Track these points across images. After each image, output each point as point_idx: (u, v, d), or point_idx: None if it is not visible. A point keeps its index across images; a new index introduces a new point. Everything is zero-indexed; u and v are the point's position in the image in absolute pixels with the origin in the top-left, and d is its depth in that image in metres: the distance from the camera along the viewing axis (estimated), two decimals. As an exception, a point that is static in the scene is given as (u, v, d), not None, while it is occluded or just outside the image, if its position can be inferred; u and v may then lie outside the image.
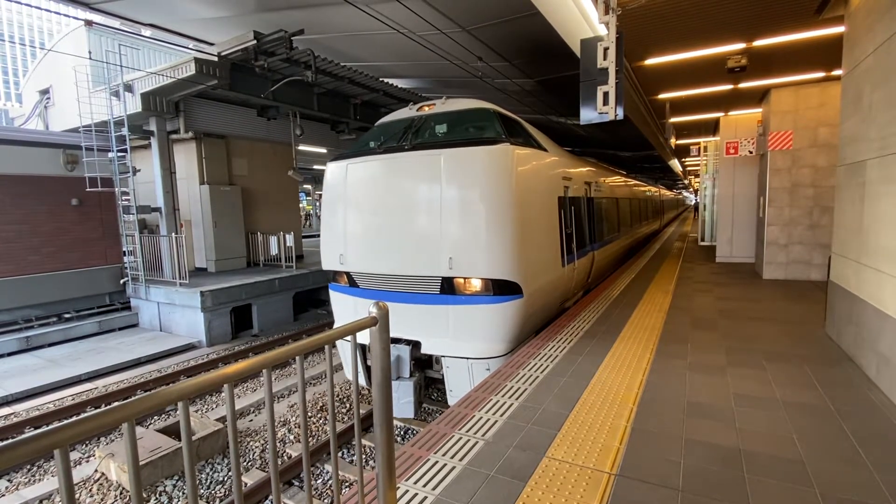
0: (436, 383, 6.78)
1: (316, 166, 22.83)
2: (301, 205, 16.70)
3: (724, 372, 4.43)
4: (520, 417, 3.58)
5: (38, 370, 8.56)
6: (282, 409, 7.02)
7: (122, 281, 12.18)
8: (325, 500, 4.91)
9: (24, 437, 1.00)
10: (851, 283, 4.80)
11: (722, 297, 7.67)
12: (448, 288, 5.47)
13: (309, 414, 6.83)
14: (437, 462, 2.99)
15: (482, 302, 5.38)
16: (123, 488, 5.16)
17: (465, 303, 5.45)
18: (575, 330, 5.92)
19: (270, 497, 4.95)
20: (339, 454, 5.73)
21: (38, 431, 1.02)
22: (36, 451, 1.01)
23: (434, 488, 2.72)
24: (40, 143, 11.12)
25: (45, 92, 14.38)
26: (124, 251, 12.45)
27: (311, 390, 7.76)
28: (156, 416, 6.99)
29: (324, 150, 16.98)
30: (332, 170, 6.29)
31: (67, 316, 11.29)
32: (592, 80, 4.96)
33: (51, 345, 10.20)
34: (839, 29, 5.67)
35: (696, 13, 5.57)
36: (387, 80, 11.56)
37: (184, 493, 5.09)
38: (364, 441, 5.83)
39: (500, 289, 5.32)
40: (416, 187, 5.57)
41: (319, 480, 5.27)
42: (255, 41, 8.55)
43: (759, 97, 9.88)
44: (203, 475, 5.42)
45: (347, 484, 5.19)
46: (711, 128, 13.99)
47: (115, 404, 1.18)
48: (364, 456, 5.60)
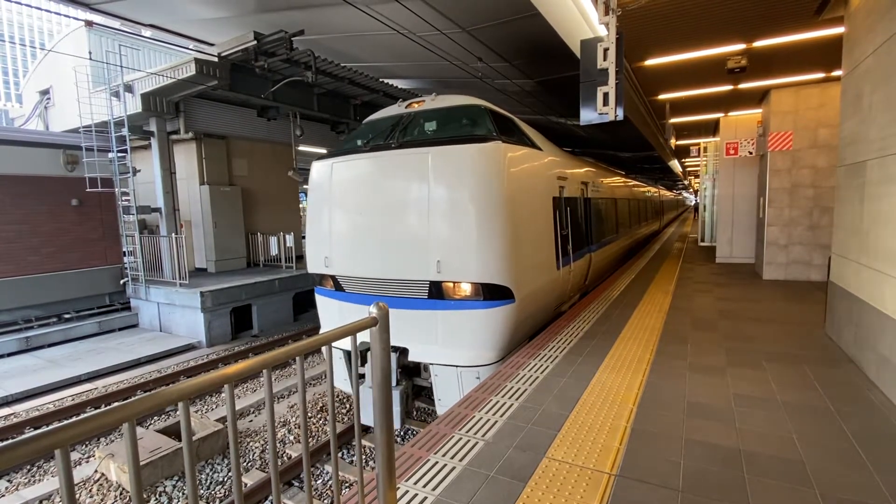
0: (424, 392, 6.54)
1: (316, 167, 22.79)
2: (301, 205, 16.69)
3: (724, 372, 4.43)
4: (520, 418, 3.58)
5: (38, 370, 8.55)
6: (282, 410, 7.01)
7: (122, 281, 12.18)
8: (325, 501, 4.91)
9: (24, 437, 1.00)
10: (851, 283, 4.80)
11: (722, 298, 7.67)
12: (436, 292, 5.26)
13: (309, 414, 6.83)
14: (437, 462, 2.99)
15: (472, 307, 5.18)
16: (123, 489, 5.16)
17: (453, 308, 5.24)
18: (575, 330, 5.92)
19: (270, 497, 4.95)
20: (339, 455, 5.73)
21: (39, 431, 1.03)
22: (37, 450, 1.01)
23: (434, 489, 2.72)
24: (40, 144, 11.12)
25: (45, 92, 14.39)
26: (124, 251, 12.45)
27: (311, 391, 7.76)
28: (155, 417, 6.99)
29: (324, 151, 16.88)
30: (317, 169, 6.11)
31: (67, 316, 11.28)
32: (592, 80, 4.97)
33: (51, 345, 10.19)
34: (839, 30, 5.68)
35: (696, 14, 5.58)
36: (387, 81, 11.57)
37: (184, 494, 5.09)
38: (364, 441, 5.83)
39: (491, 293, 5.11)
40: (402, 187, 5.35)
41: (319, 481, 5.27)
42: (256, 42, 8.56)
43: (759, 98, 9.89)
44: (203, 475, 5.42)
45: (347, 484, 5.19)
46: (711, 128, 14.00)
47: (116, 404, 1.18)
48: (364, 456, 5.60)
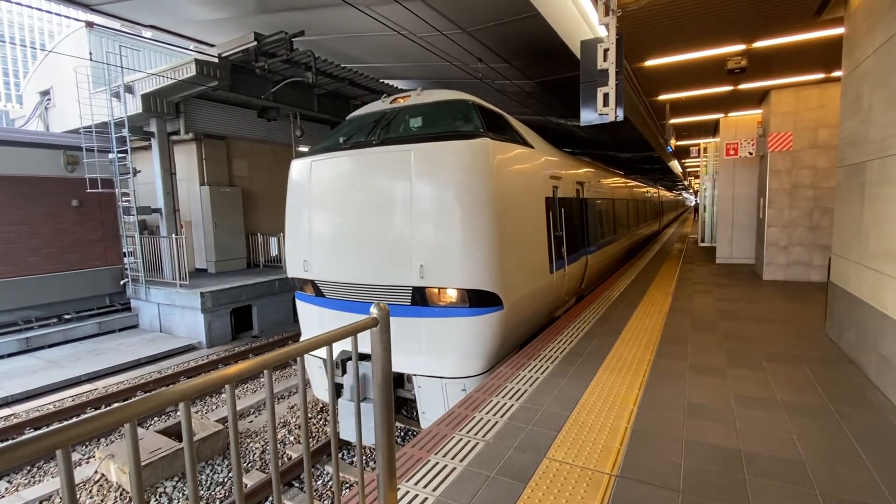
0: (407, 405, 6.24)
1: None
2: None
3: (724, 373, 4.43)
4: (520, 418, 3.58)
5: (39, 371, 8.55)
6: (282, 411, 7.01)
7: (122, 282, 12.19)
8: (326, 502, 4.91)
9: (26, 437, 1.00)
10: (851, 284, 4.80)
11: (722, 299, 7.67)
12: (420, 299, 4.99)
13: (309, 415, 6.83)
14: (437, 463, 2.99)
15: (457, 315, 4.91)
16: (123, 489, 5.16)
17: (438, 315, 4.97)
18: (575, 331, 5.91)
19: (271, 498, 4.95)
20: (340, 455, 5.73)
21: (41, 432, 1.03)
22: (38, 451, 1.01)
23: (435, 489, 2.72)
24: (41, 145, 11.13)
25: (45, 93, 14.40)
26: (124, 252, 12.45)
27: (311, 392, 7.75)
28: (155, 418, 6.99)
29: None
30: (296, 168, 5.83)
31: (67, 317, 11.28)
32: (592, 81, 4.97)
33: (51, 346, 10.19)
34: (839, 30, 5.68)
35: (696, 14, 5.58)
36: (387, 82, 11.58)
37: (184, 495, 5.09)
38: (364, 442, 5.82)
39: (478, 300, 4.85)
40: (383, 187, 5.08)
41: (320, 482, 5.26)
42: (256, 43, 8.57)
43: (758, 98, 9.90)
44: (203, 476, 5.41)
45: (348, 485, 5.19)
46: (711, 129, 14.01)
47: (117, 405, 1.18)
48: (364, 457, 5.60)
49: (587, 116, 5.07)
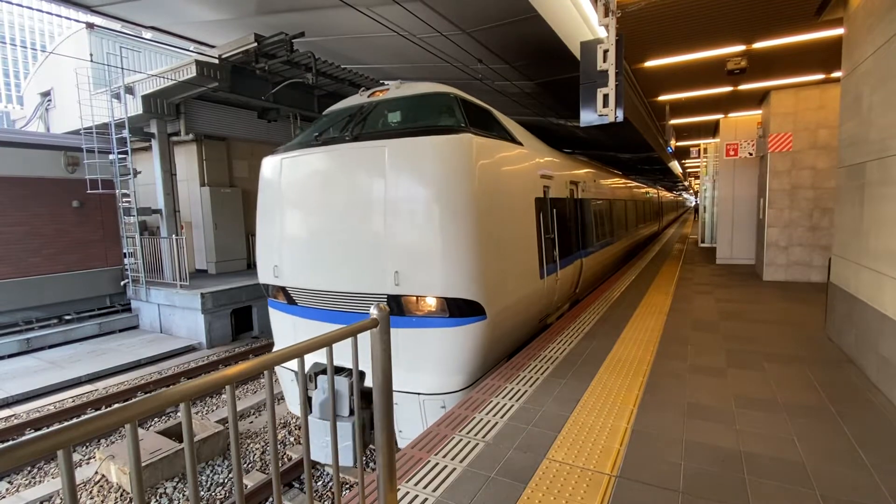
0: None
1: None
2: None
3: (724, 373, 4.43)
4: (520, 419, 3.58)
5: (39, 372, 8.56)
6: (282, 411, 7.01)
7: (122, 283, 12.19)
8: (326, 502, 4.91)
9: (28, 437, 1.00)
10: (851, 284, 4.80)
11: (722, 299, 7.67)
12: (395, 308, 4.61)
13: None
14: (437, 464, 2.99)
15: (435, 325, 4.56)
16: (124, 490, 5.16)
17: (414, 326, 4.61)
18: (575, 332, 5.92)
19: (271, 499, 4.95)
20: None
21: (42, 432, 1.03)
22: (40, 451, 1.02)
23: (434, 490, 2.72)
24: (41, 146, 11.14)
25: (46, 94, 14.43)
26: (125, 253, 12.46)
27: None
28: (155, 419, 6.99)
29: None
30: (266, 166, 5.48)
31: (68, 318, 11.29)
32: (592, 82, 4.97)
33: (51, 346, 10.20)
34: (838, 31, 5.69)
35: (695, 15, 5.59)
36: (387, 83, 11.57)
37: (184, 495, 5.09)
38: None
39: (458, 309, 4.49)
40: (356, 186, 4.73)
41: (320, 482, 5.27)
42: (256, 44, 8.58)
43: (758, 99, 9.90)
44: (203, 477, 5.42)
45: (348, 486, 5.19)
46: (711, 130, 14.02)
47: (118, 405, 1.19)
48: (364, 458, 5.60)
49: (587, 117, 5.07)
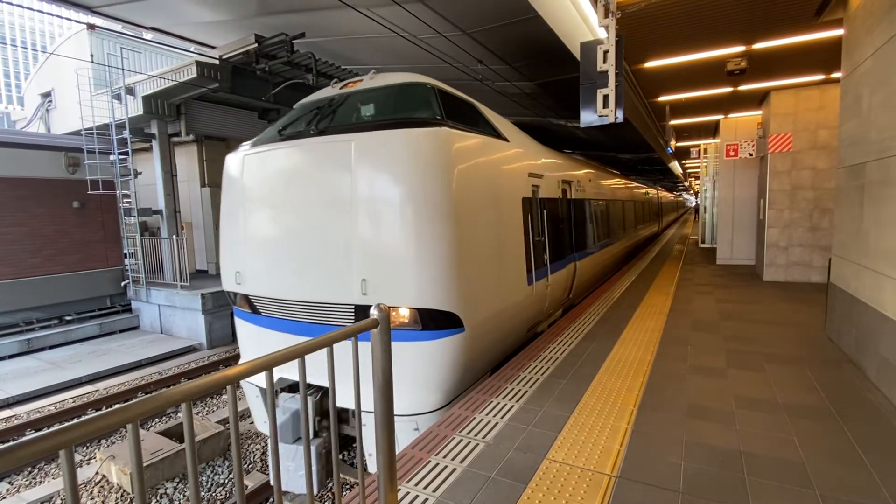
0: (353, 443, 5.47)
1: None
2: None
3: (724, 374, 4.43)
4: (520, 419, 3.58)
5: (39, 372, 8.56)
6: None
7: (122, 283, 12.20)
8: (327, 502, 4.91)
9: (30, 437, 1.01)
10: (851, 285, 4.80)
11: (722, 300, 7.67)
12: (364, 318, 4.21)
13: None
14: (437, 464, 3.00)
15: (407, 339, 4.18)
16: (124, 490, 5.16)
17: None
18: (575, 332, 5.92)
19: (271, 499, 4.95)
20: (340, 456, 5.72)
21: (44, 432, 1.03)
22: (42, 451, 1.02)
23: (435, 490, 2.73)
24: (42, 146, 11.16)
25: (46, 95, 14.44)
26: (125, 253, 12.48)
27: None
28: (156, 419, 6.99)
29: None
30: (229, 163, 5.09)
31: (68, 318, 11.30)
32: (592, 83, 4.97)
33: (51, 347, 10.20)
34: (838, 32, 5.70)
35: (695, 16, 5.60)
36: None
37: (184, 496, 5.09)
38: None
39: (433, 321, 4.13)
40: (320, 185, 4.37)
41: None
42: (257, 44, 8.59)
43: (758, 99, 9.91)
44: (204, 477, 5.42)
45: (348, 486, 5.19)
46: (711, 130, 14.02)
47: (119, 405, 1.19)
48: (365, 458, 5.59)
49: (587, 118, 5.07)
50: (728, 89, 8.89)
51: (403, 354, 4.17)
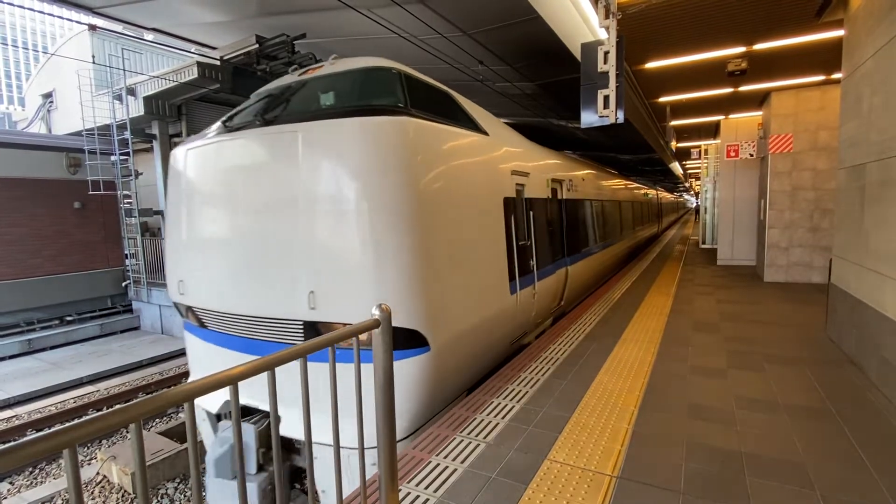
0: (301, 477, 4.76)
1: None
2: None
3: (725, 374, 4.43)
4: (521, 420, 3.58)
5: (40, 373, 8.57)
6: (283, 412, 7.02)
7: (123, 284, 12.22)
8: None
9: (33, 437, 1.01)
10: (852, 285, 4.80)
11: (723, 300, 7.67)
12: (314, 335, 3.57)
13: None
14: (438, 464, 3.00)
15: (363, 361, 3.09)
16: (125, 490, 5.17)
17: (338, 361, 3.21)
18: (576, 333, 5.92)
19: (272, 500, 4.94)
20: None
21: (47, 432, 1.04)
22: (44, 450, 1.03)
23: (436, 490, 2.73)
24: (43, 147, 11.18)
25: (48, 95, 14.46)
26: (126, 254, 12.49)
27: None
28: (157, 419, 7.00)
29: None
30: (173, 158, 4.63)
31: (69, 319, 11.31)
32: (593, 83, 4.98)
33: (52, 347, 10.22)
34: (839, 32, 5.70)
35: (696, 17, 5.60)
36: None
37: (185, 496, 5.10)
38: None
39: (392, 340, 3.29)
40: (264, 182, 3.86)
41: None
42: (258, 45, 8.60)
43: (759, 100, 9.91)
44: (204, 477, 5.42)
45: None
46: (712, 131, 14.02)
47: (121, 405, 1.20)
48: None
49: (587, 119, 5.08)
50: (729, 90, 8.89)
51: (346, 378, 3.27)
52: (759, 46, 6.58)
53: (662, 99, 9.62)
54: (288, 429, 3.42)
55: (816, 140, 8.94)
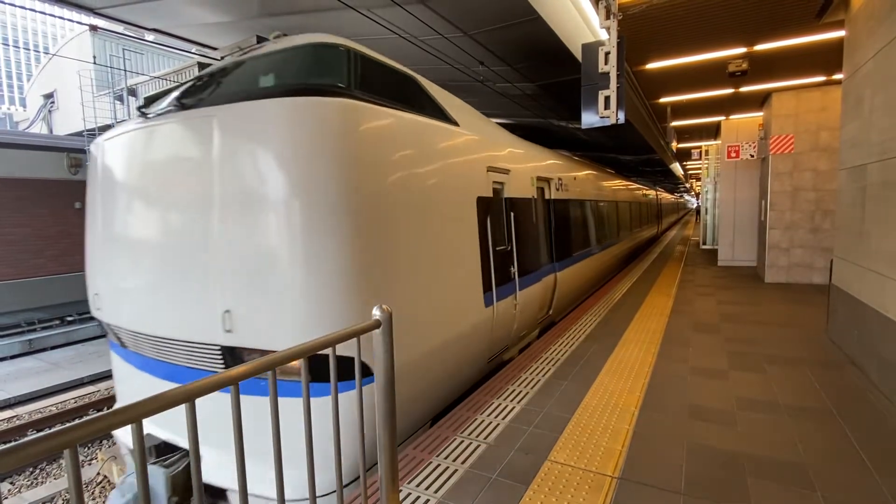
0: None
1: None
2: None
3: (726, 375, 4.43)
4: (522, 421, 3.58)
5: (41, 373, 8.58)
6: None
7: (124, 284, 12.22)
8: None
9: (34, 436, 1.01)
10: (853, 286, 4.80)
11: (724, 301, 7.66)
12: (234, 365, 2.72)
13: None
14: (439, 465, 3.00)
15: (291, 394, 2.83)
16: (125, 491, 5.16)
17: (263, 394, 2.85)
18: (576, 334, 5.92)
19: (272, 500, 4.94)
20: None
21: (49, 431, 1.04)
22: (46, 450, 1.03)
23: (436, 491, 2.73)
24: (44, 147, 11.19)
25: (49, 96, 14.49)
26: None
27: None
28: (158, 419, 7.00)
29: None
30: (92, 152, 4.06)
31: (70, 319, 11.32)
32: (594, 84, 4.98)
33: (53, 348, 10.22)
34: (840, 33, 5.70)
35: (697, 18, 5.61)
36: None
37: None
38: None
39: (328, 371, 2.67)
40: (175, 177, 3.27)
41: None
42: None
43: (760, 101, 9.91)
44: (205, 478, 5.42)
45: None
46: (713, 131, 14.02)
47: (122, 405, 1.20)
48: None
49: (588, 119, 5.08)
50: (729, 91, 8.90)
51: (287, 416, 2.24)
52: (760, 47, 6.59)
53: (663, 99, 9.62)
54: (207, 473, 2.81)
55: (817, 141, 8.94)
